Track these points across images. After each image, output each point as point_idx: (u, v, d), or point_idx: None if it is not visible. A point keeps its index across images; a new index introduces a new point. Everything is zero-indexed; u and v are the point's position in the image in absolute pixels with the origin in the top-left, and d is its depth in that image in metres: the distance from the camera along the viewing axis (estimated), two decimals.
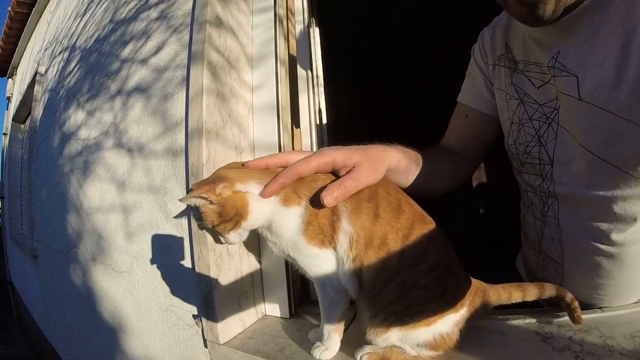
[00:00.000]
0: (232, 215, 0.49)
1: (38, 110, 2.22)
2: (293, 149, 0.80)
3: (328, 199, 0.46)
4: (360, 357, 0.53)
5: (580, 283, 0.59)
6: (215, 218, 0.49)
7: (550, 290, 0.55)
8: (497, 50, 0.65)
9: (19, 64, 3.98)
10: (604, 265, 0.55)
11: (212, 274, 0.66)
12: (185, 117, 0.72)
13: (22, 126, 3.64)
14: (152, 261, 0.93)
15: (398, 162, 0.55)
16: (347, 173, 0.49)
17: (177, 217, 0.83)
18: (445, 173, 0.67)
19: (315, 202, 0.48)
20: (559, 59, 0.50)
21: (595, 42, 0.46)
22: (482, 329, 0.57)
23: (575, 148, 0.51)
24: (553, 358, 0.47)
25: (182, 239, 0.81)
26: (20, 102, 3.17)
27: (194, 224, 0.67)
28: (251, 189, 0.49)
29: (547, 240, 0.62)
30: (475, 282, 0.53)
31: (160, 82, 0.92)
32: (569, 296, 0.54)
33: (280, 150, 0.74)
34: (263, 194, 0.48)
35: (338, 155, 0.49)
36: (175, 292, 0.88)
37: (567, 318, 0.56)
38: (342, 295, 0.52)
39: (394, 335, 0.49)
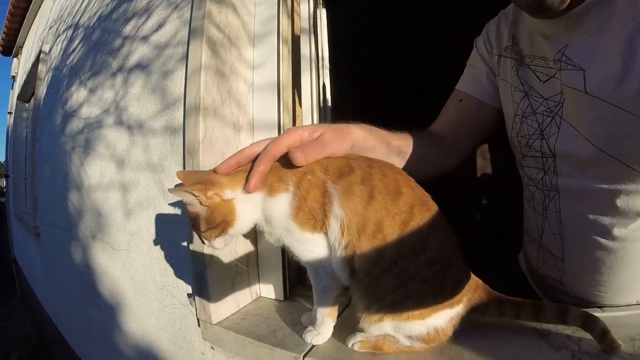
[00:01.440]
0: (218, 222, 0.48)
1: (42, 89, 2.22)
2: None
3: (298, 154, 0.45)
4: (352, 345, 0.53)
5: (581, 279, 0.59)
6: (202, 224, 0.48)
7: (574, 319, 0.47)
8: (504, 41, 0.64)
9: (24, 43, 3.97)
10: (605, 261, 0.54)
11: (206, 253, 0.66)
12: (184, 94, 0.71)
13: (27, 105, 3.67)
14: (149, 239, 0.93)
15: (363, 139, 0.54)
16: None
17: (173, 195, 0.82)
18: (425, 157, 0.64)
19: (301, 184, 0.47)
20: (566, 52, 0.50)
21: (602, 36, 0.45)
22: (478, 322, 0.56)
23: (580, 142, 0.50)
24: (549, 356, 0.47)
25: (178, 217, 0.81)
26: (25, 81, 3.19)
27: None
28: (239, 195, 0.48)
29: (548, 235, 0.61)
30: (478, 282, 0.51)
31: (161, 59, 0.91)
32: (599, 325, 0.46)
33: (279, 129, 0.73)
34: (248, 189, 0.46)
35: (304, 130, 0.49)
36: (170, 270, 0.89)
37: None
38: (335, 282, 0.51)
39: (387, 325, 0.49)
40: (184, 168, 0.68)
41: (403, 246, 0.45)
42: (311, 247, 0.49)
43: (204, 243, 0.52)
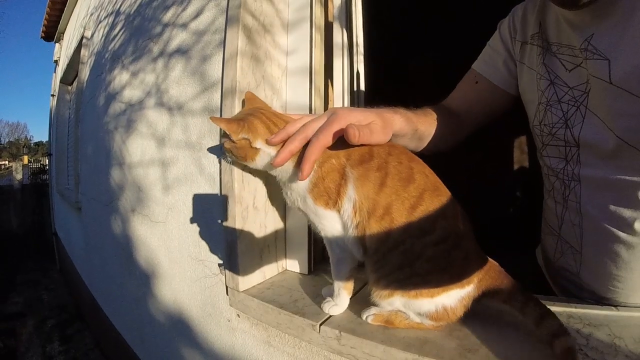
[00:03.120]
0: (242, 156, 0.56)
1: (85, 72, 2.35)
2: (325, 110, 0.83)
3: (353, 130, 0.47)
4: (366, 317, 0.56)
5: (597, 272, 0.58)
6: (231, 150, 0.57)
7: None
8: (530, 28, 0.64)
9: (65, 29, 4.16)
10: (623, 255, 0.53)
11: (237, 225, 0.71)
12: (222, 78, 0.76)
13: (70, 88, 3.86)
14: (186, 213, 1.01)
15: (400, 129, 0.57)
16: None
17: (209, 172, 0.89)
18: (442, 135, 0.68)
19: (324, 165, 0.51)
20: (592, 42, 0.50)
21: (629, 26, 0.45)
22: (491, 307, 0.57)
23: (604, 132, 0.51)
24: None
25: (213, 192, 0.87)
26: (68, 65, 3.35)
27: (225, 178, 0.73)
28: (267, 149, 0.55)
29: (567, 225, 0.61)
30: (493, 265, 0.52)
31: (199, 44, 0.96)
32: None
33: (311, 113, 0.77)
34: (301, 177, 0.49)
35: (355, 118, 0.50)
36: (204, 242, 0.95)
37: (578, 310, 0.57)
38: (347, 254, 0.55)
39: (398, 301, 0.51)
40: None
41: (410, 228, 0.47)
42: (324, 221, 0.54)
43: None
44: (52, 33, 4.54)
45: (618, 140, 0.49)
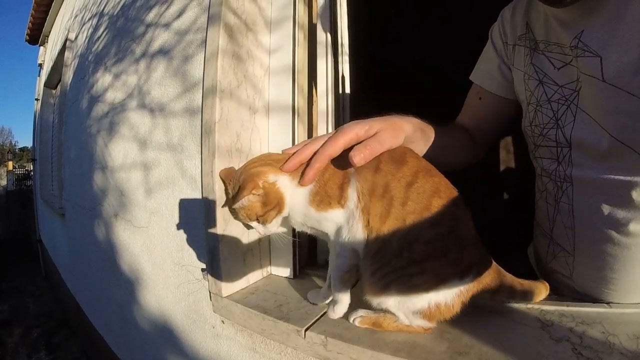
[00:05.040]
0: (274, 204, 0.52)
1: (68, 75, 2.31)
2: (309, 111, 0.82)
3: (357, 158, 0.46)
4: (354, 320, 0.55)
5: (590, 275, 0.57)
6: (259, 209, 0.52)
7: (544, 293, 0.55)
8: (518, 29, 0.63)
9: (50, 32, 4.10)
10: (618, 258, 0.52)
11: (219, 229, 0.70)
12: (202, 77, 0.74)
13: (54, 91, 3.80)
14: (168, 217, 0.99)
15: (412, 133, 0.56)
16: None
17: (191, 174, 0.87)
18: (456, 149, 0.67)
19: (326, 172, 0.51)
20: (582, 38, 0.48)
21: (621, 22, 0.44)
22: (481, 307, 0.56)
23: (596, 131, 0.49)
24: (549, 347, 0.47)
25: (195, 195, 0.86)
26: (52, 68, 3.30)
27: (205, 180, 0.71)
28: (280, 178, 0.52)
29: (559, 228, 0.60)
30: (486, 254, 0.51)
31: (182, 44, 0.95)
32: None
33: (294, 112, 0.76)
34: (303, 182, 0.50)
35: (361, 129, 0.50)
36: (187, 247, 0.93)
37: (570, 309, 0.56)
38: (350, 252, 0.54)
39: (390, 300, 0.49)
40: (201, 148, 0.71)
41: (408, 204, 0.47)
42: (328, 223, 0.53)
43: (259, 232, 0.56)
44: (36, 36, 4.47)
45: (611, 139, 0.47)
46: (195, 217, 0.86)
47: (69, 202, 2.21)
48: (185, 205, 0.90)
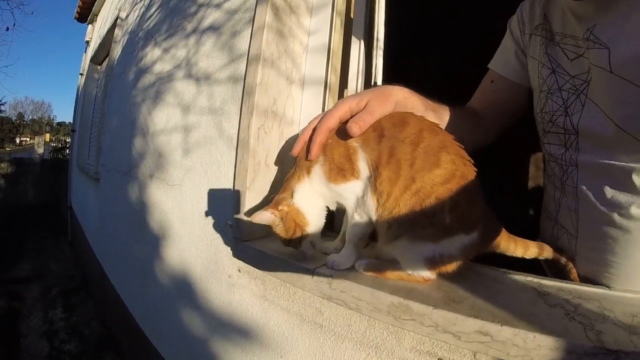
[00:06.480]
0: (294, 228, 0.60)
1: (117, 51, 2.48)
2: (340, 89, 0.90)
3: (353, 129, 0.52)
4: (359, 266, 0.59)
5: (593, 258, 0.59)
6: (282, 234, 0.61)
7: (547, 252, 0.58)
8: (536, 19, 0.66)
9: (99, 11, 4.32)
10: (618, 240, 0.54)
11: (249, 177, 0.78)
12: (249, 48, 0.85)
13: (99, 67, 4.02)
14: (201, 173, 1.09)
15: (404, 99, 0.59)
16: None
17: (228, 134, 0.97)
18: (462, 128, 0.67)
19: (328, 147, 0.57)
20: (594, 31, 0.51)
21: (631, 17, 0.47)
22: (483, 275, 0.61)
23: (603, 120, 0.52)
24: (543, 309, 0.48)
25: (230, 153, 0.95)
26: (99, 45, 3.49)
27: (242, 134, 0.80)
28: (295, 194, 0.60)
29: (564, 210, 0.63)
30: (489, 211, 0.54)
31: (231, 22, 1.05)
32: (564, 259, 0.58)
33: (326, 87, 0.85)
34: (310, 158, 0.56)
35: (352, 101, 0.55)
36: (216, 200, 1.03)
37: (568, 285, 0.57)
38: (365, 219, 0.57)
39: (398, 248, 0.52)
40: (241, 107, 0.81)
41: (416, 162, 0.50)
42: (348, 194, 0.57)
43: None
44: (86, 14, 4.71)
45: (616, 128, 0.50)
46: (228, 173, 0.95)
47: (105, 167, 2.37)
48: (219, 162, 1.00)
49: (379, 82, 1.01)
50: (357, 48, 0.93)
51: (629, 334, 0.41)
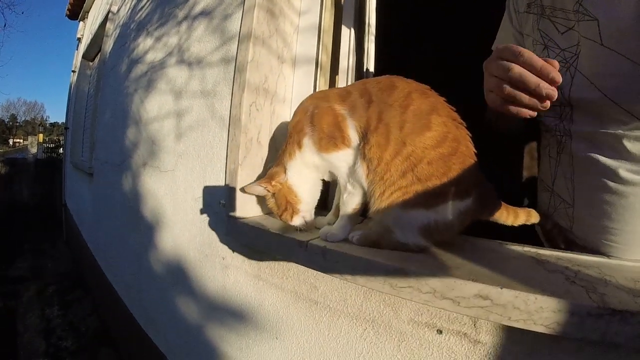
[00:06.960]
0: (285, 204, 0.62)
1: (108, 45, 2.46)
2: (332, 67, 0.91)
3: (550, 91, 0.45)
4: (352, 237, 0.59)
5: (590, 225, 0.59)
6: (274, 209, 0.64)
7: (534, 217, 0.58)
8: None
9: (90, 7, 4.27)
10: (614, 205, 0.54)
11: (240, 154, 0.78)
12: (240, 27, 0.84)
13: (91, 63, 3.98)
14: (194, 157, 1.08)
15: None
16: None
17: (220, 114, 0.96)
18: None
19: (315, 117, 0.58)
20: (583, 3, 0.52)
21: None
22: (478, 246, 0.60)
23: (592, 91, 0.53)
24: (543, 275, 0.47)
25: (222, 133, 0.95)
26: (91, 41, 3.46)
27: (234, 111, 0.80)
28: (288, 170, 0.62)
29: (560, 180, 0.64)
30: (483, 179, 0.54)
31: (222, 5, 1.05)
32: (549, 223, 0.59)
33: (317, 66, 0.86)
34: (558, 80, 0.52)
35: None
36: (208, 182, 1.03)
37: (567, 254, 0.57)
38: (358, 189, 0.58)
39: (392, 216, 0.52)
40: (233, 85, 0.81)
41: (406, 126, 0.50)
42: (340, 163, 0.58)
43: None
44: (77, 11, 4.65)
45: (605, 99, 0.51)
46: (219, 153, 0.95)
47: (98, 160, 2.36)
48: (211, 143, 1.00)
49: (371, 64, 1.01)
50: (347, 28, 0.93)
51: (632, 296, 0.40)
